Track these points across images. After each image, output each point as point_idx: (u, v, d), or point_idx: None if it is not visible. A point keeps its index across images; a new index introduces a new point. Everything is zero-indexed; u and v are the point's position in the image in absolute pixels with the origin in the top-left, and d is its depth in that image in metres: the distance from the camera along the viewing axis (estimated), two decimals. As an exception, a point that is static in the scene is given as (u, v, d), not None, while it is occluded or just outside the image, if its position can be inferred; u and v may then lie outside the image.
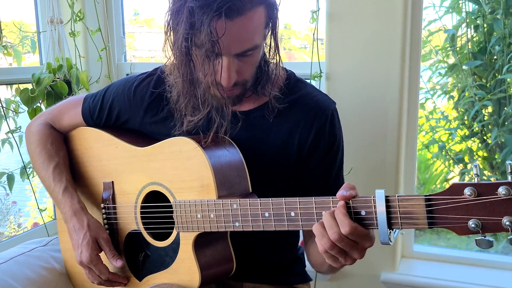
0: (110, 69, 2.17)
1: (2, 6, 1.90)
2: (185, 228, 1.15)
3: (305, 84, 1.31)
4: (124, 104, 1.33)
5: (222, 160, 1.13)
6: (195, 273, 1.16)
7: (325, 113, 1.23)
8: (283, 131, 1.23)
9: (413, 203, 0.88)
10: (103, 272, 1.26)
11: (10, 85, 1.97)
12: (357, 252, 0.95)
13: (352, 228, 0.91)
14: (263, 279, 1.35)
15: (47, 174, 1.34)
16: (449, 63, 2.42)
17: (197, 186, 1.13)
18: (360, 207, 0.93)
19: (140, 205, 1.25)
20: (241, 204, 1.06)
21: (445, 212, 0.86)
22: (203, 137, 1.16)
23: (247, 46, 1.08)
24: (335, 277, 1.92)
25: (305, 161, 1.24)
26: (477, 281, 1.80)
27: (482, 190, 0.83)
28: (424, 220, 0.88)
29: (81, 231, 1.25)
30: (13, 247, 1.52)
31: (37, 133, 1.40)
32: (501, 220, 0.82)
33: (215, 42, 1.01)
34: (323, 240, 0.95)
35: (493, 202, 0.83)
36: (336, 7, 1.74)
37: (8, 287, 1.31)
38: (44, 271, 1.42)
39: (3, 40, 1.79)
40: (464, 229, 0.85)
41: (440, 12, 2.34)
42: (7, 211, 2.45)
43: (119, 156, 1.30)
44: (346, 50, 1.76)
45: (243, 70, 1.12)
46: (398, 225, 0.90)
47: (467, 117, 2.38)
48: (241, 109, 1.23)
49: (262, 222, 1.04)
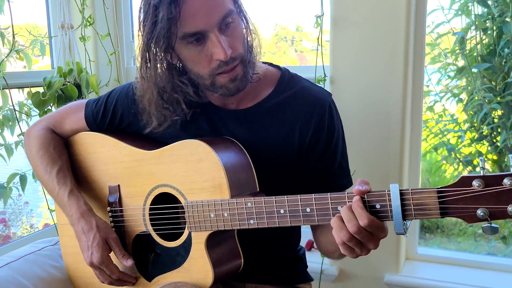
0: (119, 73, 2.22)
1: (18, 9, 1.96)
2: (198, 227, 1.19)
3: (300, 78, 1.33)
4: (127, 108, 1.36)
5: (232, 161, 1.17)
6: (209, 271, 1.19)
7: (323, 106, 1.27)
8: (283, 127, 1.26)
9: (426, 195, 0.95)
10: (114, 272, 1.28)
11: (22, 89, 2.03)
12: (372, 243, 1.01)
13: (370, 221, 0.97)
14: (265, 279, 1.37)
15: (51, 177, 1.36)
16: (458, 66, 2.43)
17: (209, 187, 1.16)
18: (375, 201, 0.99)
19: (149, 207, 1.28)
20: (256, 202, 1.10)
21: (455, 202, 0.94)
22: (212, 140, 1.20)
23: (223, 11, 1.11)
24: (339, 279, 1.95)
25: (307, 154, 1.27)
26: (481, 283, 1.82)
27: (489, 182, 0.90)
28: (436, 211, 0.95)
29: (90, 232, 1.27)
30: (23, 246, 1.57)
31: (38, 138, 1.41)
32: (506, 208, 0.89)
33: (186, 19, 1.07)
34: (342, 233, 0.99)
35: (499, 192, 0.90)
36: (340, 12, 1.78)
37: (18, 285, 1.35)
38: (53, 269, 1.46)
39: (16, 44, 1.84)
40: (473, 218, 0.93)
41: (449, 15, 2.34)
42: (20, 211, 2.48)
43: (125, 160, 1.32)
44: (350, 54, 1.80)
45: (234, 43, 1.15)
46: (412, 217, 0.97)
47: (476, 120, 2.39)
48: (241, 107, 1.28)
49: (277, 219, 1.09)
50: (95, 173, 1.39)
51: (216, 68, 1.14)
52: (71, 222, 1.32)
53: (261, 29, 2.68)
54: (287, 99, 1.27)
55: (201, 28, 1.10)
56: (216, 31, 1.11)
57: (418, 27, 1.79)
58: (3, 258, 1.47)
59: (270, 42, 2.74)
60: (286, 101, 1.27)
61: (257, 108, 1.28)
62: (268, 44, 2.76)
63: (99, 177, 1.38)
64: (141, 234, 1.31)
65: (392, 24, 1.71)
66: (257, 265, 1.34)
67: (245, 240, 1.24)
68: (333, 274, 1.94)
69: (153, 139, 1.34)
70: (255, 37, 1.23)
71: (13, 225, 2.47)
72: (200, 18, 1.09)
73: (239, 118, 1.28)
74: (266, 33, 2.72)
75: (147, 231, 1.30)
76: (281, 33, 2.67)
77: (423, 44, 1.82)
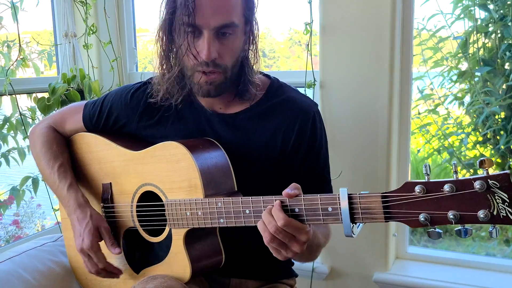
0: (122, 79, 2.34)
1: (29, 16, 2.10)
2: (176, 224, 1.28)
3: (288, 88, 1.42)
4: (122, 110, 1.46)
5: (209, 162, 1.26)
6: (187, 266, 1.28)
7: (307, 115, 1.35)
8: (267, 132, 1.34)
9: (372, 199, 1.00)
10: (101, 260, 1.37)
11: (30, 94, 2.17)
12: (296, 245, 1.07)
13: (287, 221, 1.05)
14: (250, 274, 1.46)
15: (52, 172, 1.46)
16: (461, 70, 2.48)
17: (186, 186, 1.26)
18: (326, 204, 1.05)
19: (136, 204, 1.39)
20: (225, 202, 1.18)
21: (399, 207, 0.98)
22: (192, 141, 1.30)
23: (225, 20, 1.21)
24: (330, 277, 2.04)
25: (289, 159, 1.34)
26: (470, 282, 1.88)
27: (430, 188, 0.95)
28: (381, 215, 1.00)
29: (84, 221, 1.37)
30: (26, 242, 1.69)
31: (42, 136, 1.53)
32: (446, 214, 0.94)
33: (191, 10, 1.17)
34: (265, 234, 1.08)
35: (440, 198, 0.94)
36: (328, 19, 1.87)
37: (19, 278, 1.47)
38: (52, 264, 1.57)
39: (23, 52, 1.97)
40: (416, 222, 0.97)
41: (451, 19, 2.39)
42: (32, 213, 2.60)
43: (116, 159, 1.43)
44: (339, 60, 1.89)
45: (223, 53, 1.24)
46: (360, 220, 1.02)
47: (476, 123, 2.43)
48: (228, 112, 1.37)
49: (243, 219, 1.17)
50: (91, 171, 1.51)
51: (198, 64, 1.24)
52: (68, 212, 1.43)
53: (274, 33, 2.76)
54: (273, 106, 1.36)
55: (199, 24, 1.20)
56: (211, 33, 1.21)
57: (405, 33, 1.87)
58: (6, 253, 1.59)
59: (284, 46, 2.80)
60: (272, 108, 1.36)
61: (244, 114, 1.36)
62: (282, 49, 2.83)
63: (95, 175, 1.50)
64: (130, 229, 1.42)
65: (377, 31, 1.80)
66: (241, 260, 1.42)
67: (229, 236, 1.33)
68: (324, 272, 2.03)
69: (143, 139, 1.44)
70: (255, 60, 1.33)
71: (26, 226, 2.59)
72: (203, 15, 1.19)
73: (226, 122, 1.37)
74: (280, 37, 2.79)
75: (135, 226, 1.40)
76: (295, 37, 2.73)
77: (410, 49, 1.90)
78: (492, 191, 0.90)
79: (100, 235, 1.38)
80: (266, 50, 2.78)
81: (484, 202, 0.91)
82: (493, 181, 0.89)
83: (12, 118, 2.18)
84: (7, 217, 2.48)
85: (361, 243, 1.94)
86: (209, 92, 1.28)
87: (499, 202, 0.90)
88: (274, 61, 2.91)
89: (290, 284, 1.53)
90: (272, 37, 2.79)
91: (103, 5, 2.25)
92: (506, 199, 0.89)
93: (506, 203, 0.89)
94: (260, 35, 1.33)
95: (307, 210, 1.07)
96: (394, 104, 1.85)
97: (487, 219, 0.90)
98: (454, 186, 0.92)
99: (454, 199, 0.93)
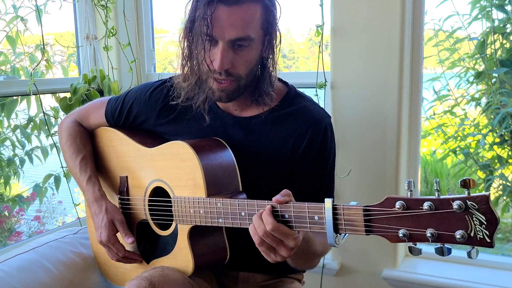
0: (140, 79, 2.45)
1: (53, 19, 2.22)
2: (182, 221, 1.36)
3: (304, 97, 1.48)
4: (141, 107, 1.55)
5: (213, 162, 1.33)
6: (190, 261, 1.36)
7: (319, 125, 1.41)
8: (278, 137, 1.41)
9: (354, 212, 1.02)
10: (120, 250, 1.47)
11: (54, 94, 2.29)
12: (284, 249, 1.13)
13: (275, 226, 1.10)
14: (258, 268, 1.52)
15: (75, 164, 1.58)
16: (479, 70, 2.51)
17: (191, 185, 1.33)
18: (313, 213, 1.09)
19: (148, 199, 1.49)
20: (224, 203, 1.25)
21: (379, 221, 1.00)
22: (199, 141, 1.38)
23: (240, 34, 1.28)
24: (340, 273, 2.11)
25: (296, 166, 1.41)
26: (481, 280, 1.92)
27: (410, 204, 0.96)
28: (362, 228, 1.02)
29: (100, 215, 1.47)
30: (48, 234, 1.81)
31: (68, 129, 1.64)
32: (425, 232, 0.94)
33: (208, 22, 1.24)
34: (255, 237, 1.14)
35: (419, 215, 0.95)
36: (339, 22, 1.95)
37: (42, 267, 1.59)
38: (72, 254, 1.69)
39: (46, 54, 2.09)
40: (395, 237, 0.99)
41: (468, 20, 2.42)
42: (53, 209, 2.71)
43: (132, 154, 1.53)
44: (349, 62, 1.96)
45: (237, 63, 1.31)
46: (343, 230, 1.05)
47: (493, 124, 2.45)
48: (243, 115, 1.45)
49: (239, 220, 1.23)
50: (110, 164, 1.62)
51: (212, 71, 1.32)
52: (87, 204, 1.54)
53: (294, 33, 2.82)
54: (287, 114, 1.43)
55: (216, 35, 1.28)
56: (226, 44, 1.28)
57: (415, 34, 1.94)
58: (29, 243, 1.71)
59: (304, 47, 2.85)
60: (286, 116, 1.43)
61: (257, 118, 1.43)
62: (301, 49, 2.89)
63: (114, 168, 1.61)
64: (143, 221, 1.51)
65: (387, 33, 1.87)
66: (249, 255, 1.42)
67: (238, 231, 1.36)
68: (334, 268, 2.10)
69: (159, 136, 1.53)
70: (272, 70, 1.39)
71: (47, 222, 2.70)
72: (219, 28, 1.27)
73: (240, 124, 1.45)
74: (300, 37, 2.84)
75: (146, 219, 1.50)
76: (315, 38, 2.80)
77: (421, 51, 1.96)
78: (470, 212, 0.90)
79: (115, 227, 1.48)
80: (286, 51, 2.82)
81: (462, 223, 0.91)
82: (471, 202, 0.90)
83: (36, 118, 2.31)
84: (30, 212, 2.59)
85: (370, 240, 2.00)
86: (221, 98, 1.37)
87: (477, 223, 0.90)
88: (293, 61, 2.95)
89: (298, 279, 1.60)
90: (292, 37, 2.84)
91: (122, 9, 2.37)
92: (484, 221, 0.89)
93: (483, 225, 0.89)
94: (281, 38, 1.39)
95: (296, 217, 1.11)
96: (403, 105, 1.92)
97: (464, 240, 0.91)
98: (433, 204, 0.93)
99: (433, 218, 0.94)
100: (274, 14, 1.34)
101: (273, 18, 1.34)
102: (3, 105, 2.26)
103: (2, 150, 2.39)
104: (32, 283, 1.52)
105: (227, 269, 1.52)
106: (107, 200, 1.52)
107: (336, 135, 2.00)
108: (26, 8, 2.15)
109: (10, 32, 2.21)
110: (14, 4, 2.20)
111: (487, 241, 0.90)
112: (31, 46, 2.28)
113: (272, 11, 1.33)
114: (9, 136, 2.37)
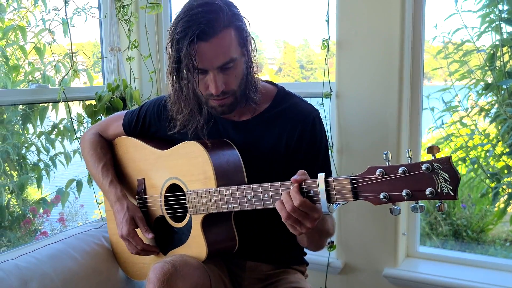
0: (159, 88, 2.69)
1: (81, 29, 2.47)
2: (195, 211, 1.56)
3: (293, 96, 1.68)
4: (154, 120, 1.79)
5: (222, 158, 1.54)
6: (204, 247, 1.55)
7: (308, 119, 1.61)
8: (273, 136, 1.61)
9: (343, 182, 1.22)
10: (139, 243, 1.68)
11: (80, 101, 2.53)
12: (308, 221, 1.29)
13: (302, 202, 1.27)
14: (264, 258, 1.71)
15: (97, 171, 1.80)
16: (488, 82, 2.64)
17: (202, 178, 1.54)
18: (310, 188, 1.28)
19: (164, 195, 1.69)
20: (232, 190, 1.46)
21: (364, 188, 1.19)
22: (209, 141, 1.59)
23: (225, 59, 1.46)
24: (344, 271, 2.30)
25: (292, 159, 1.60)
26: (481, 280, 2.08)
27: (388, 171, 1.16)
28: (350, 195, 1.22)
29: (122, 212, 1.68)
30: (75, 228, 2.04)
31: (89, 141, 1.87)
32: (401, 192, 1.14)
33: (193, 60, 1.43)
34: (282, 212, 1.31)
35: (396, 179, 1.14)
36: (343, 36, 2.18)
37: (69, 256, 1.83)
38: (96, 246, 1.93)
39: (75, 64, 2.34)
40: (377, 200, 1.18)
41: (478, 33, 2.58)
42: (75, 213, 2.90)
43: (148, 158, 1.75)
44: (353, 72, 2.19)
45: (229, 81, 1.50)
46: (335, 200, 1.25)
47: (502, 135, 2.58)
48: (241, 119, 1.67)
49: (246, 203, 1.43)
50: (128, 169, 1.85)
51: (210, 95, 1.53)
52: (110, 204, 1.75)
53: (312, 44, 2.98)
54: (278, 113, 1.63)
55: (204, 67, 1.47)
56: (216, 71, 1.47)
57: (415, 47, 2.14)
58: (58, 235, 1.98)
59: (322, 57, 3.06)
60: (278, 114, 1.63)
61: (254, 120, 1.64)
62: (319, 60, 3.08)
63: (131, 172, 1.83)
64: (160, 217, 1.72)
65: (388, 46, 2.10)
66: (257, 245, 1.69)
67: (246, 223, 1.59)
68: (338, 266, 2.31)
69: (171, 141, 1.72)
70: (255, 71, 1.58)
71: (70, 225, 2.87)
72: (206, 60, 1.45)
73: (239, 127, 1.66)
74: (317, 49, 3.03)
75: (163, 214, 1.71)
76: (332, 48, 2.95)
77: (420, 63, 2.17)
78: (436, 172, 1.09)
79: (135, 223, 1.69)
80: (304, 62, 2.99)
81: (430, 182, 1.10)
82: (436, 164, 1.09)
83: (60, 125, 2.55)
84: (53, 214, 2.77)
85: (372, 240, 2.20)
86: (224, 112, 1.57)
87: (442, 181, 1.09)
88: (311, 72, 3.11)
89: (301, 271, 1.78)
90: (310, 48, 2.99)
91: (144, 23, 2.62)
92: (447, 178, 1.08)
93: (447, 182, 1.08)
94: (298, 47, 1.58)
95: None
96: (403, 113, 2.12)
97: (433, 195, 1.10)
98: (406, 168, 1.13)
99: (407, 180, 1.13)
100: (245, 28, 1.52)
101: (245, 33, 1.52)
102: (33, 112, 2.49)
103: (27, 155, 2.59)
104: (61, 269, 1.76)
105: (236, 258, 1.71)
106: (128, 200, 1.72)
107: (340, 141, 2.21)
108: (53, 21, 2.40)
109: (39, 43, 2.49)
110: (43, 18, 2.48)
111: (451, 195, 1.09)
112: (57, 56, 2.53)
113: (243, 27, 1.51)
114: (34, 142, 2.59)
